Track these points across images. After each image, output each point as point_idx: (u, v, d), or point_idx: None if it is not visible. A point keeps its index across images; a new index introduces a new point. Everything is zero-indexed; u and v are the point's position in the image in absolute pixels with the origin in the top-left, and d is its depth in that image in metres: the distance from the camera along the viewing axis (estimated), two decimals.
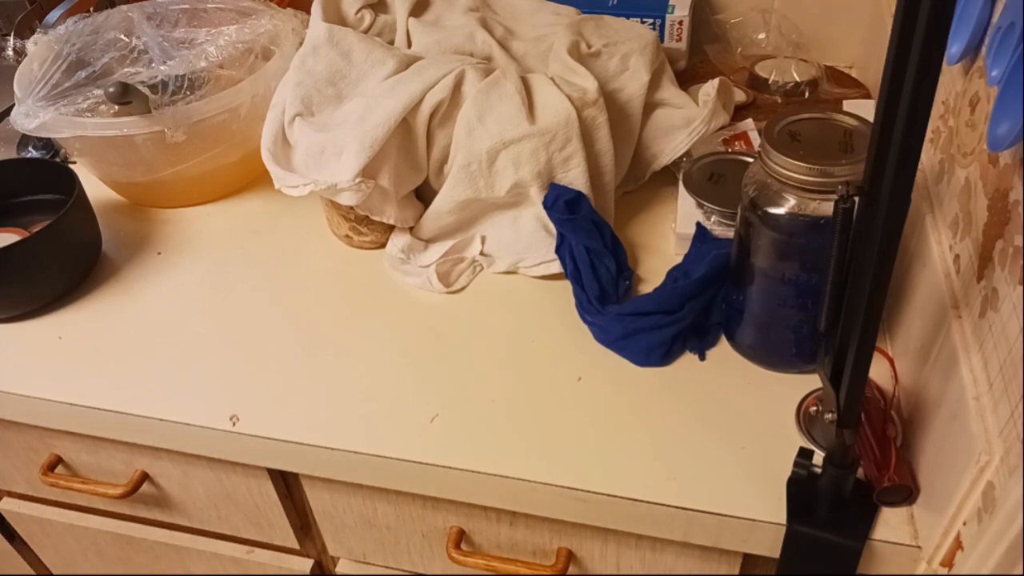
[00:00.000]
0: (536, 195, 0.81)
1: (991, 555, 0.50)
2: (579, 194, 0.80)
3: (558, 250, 0.80)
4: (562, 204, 0.79)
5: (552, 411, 0.71)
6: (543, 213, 0.81)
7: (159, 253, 0.92)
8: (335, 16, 0.93)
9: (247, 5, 1.02)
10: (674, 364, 0.74)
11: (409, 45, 0.93)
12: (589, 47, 0.87)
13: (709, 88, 0.88)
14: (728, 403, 0.71)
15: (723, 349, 0.75)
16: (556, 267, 0.82)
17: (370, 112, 0.79)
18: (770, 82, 1.03)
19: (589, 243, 0.78)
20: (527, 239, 0.83)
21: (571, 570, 0.77)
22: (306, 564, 0.93)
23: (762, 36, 1.09)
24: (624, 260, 0.82)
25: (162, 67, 0.91)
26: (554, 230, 0.80)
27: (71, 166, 0.95)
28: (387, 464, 0.69)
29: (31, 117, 0.87)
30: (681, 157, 0.89)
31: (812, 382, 0.70)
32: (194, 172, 0.94)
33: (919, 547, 0.60)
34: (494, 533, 0.77)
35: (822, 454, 0.61)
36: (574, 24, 0.91)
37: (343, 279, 0.87)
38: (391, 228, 0.88)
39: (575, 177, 0.80)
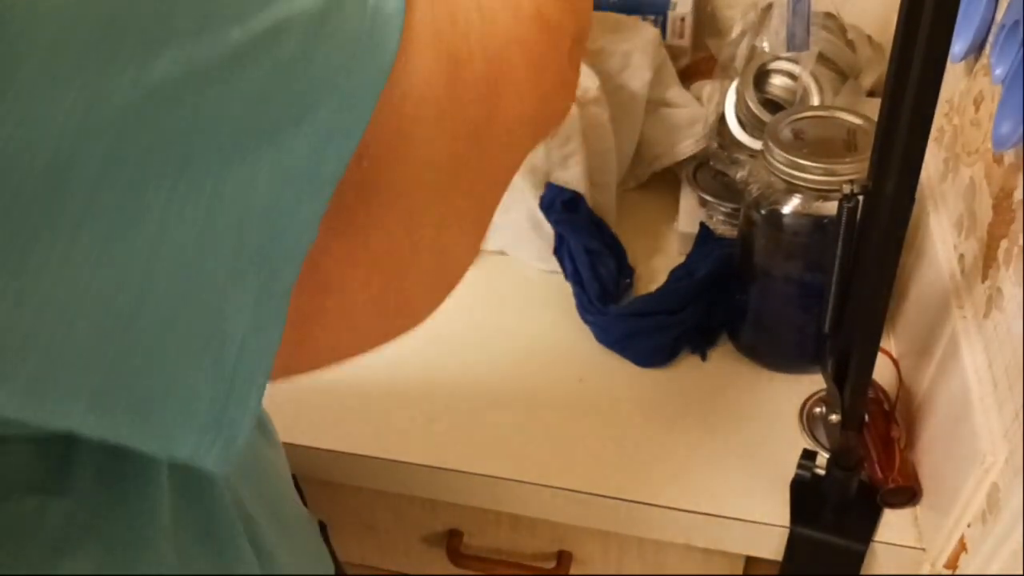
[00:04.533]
0: (529, 191, 0.80)
1: (995, 557, 0.50)
2: (576, 194, 0.79)
3: (557, 251, 0.80)
4: (559, 205, 0.78)
5: (553, 412, 0.71)
6: (535, 211, 0.80)
7: None
8: None
9: None
10: (676, 365, 0.74)
11: None
12: (591, 44, 0.87)
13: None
14: (730, 404, 0.70)
15: (726, 349, 0.75)
16: (543, 266, 0.81)
17: None
18: None
19: (588, 243, 0.78)
20: (515, 232, 0.83)
21: (572, 571, 0.76)
22: None
23: None
24: (624, 259, 0.81)
25: None
26: (546, 230, 0.80)
27: None
28: (387, 466, 0.69)
29: None
30: None
31: (815, 383, 0.70)
32: None
33: (923, 549, 0.59)
34: (494, 536, 0.77)
35: (825, 455, 0.61)
36: None
37: None
38: None
39: (573, 176, 0.79)
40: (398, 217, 0.28)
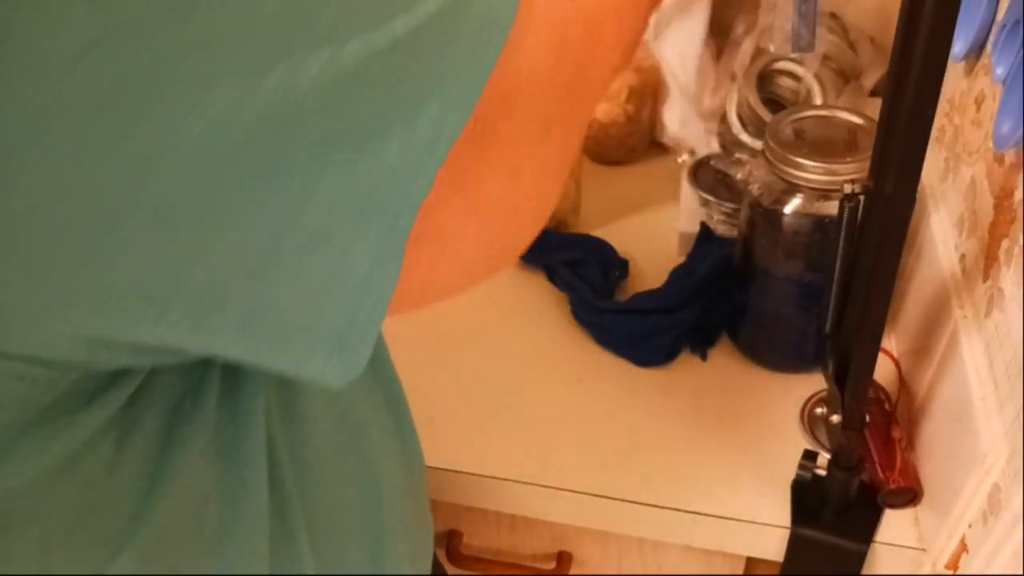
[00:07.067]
0: None
1: (996, 557, 0.50)
2: None
3: (549, 277, 0.81)
4: None
5: (552, 413, 0.71)
6: None
7: None
8: None
9: None
10: (676, 365, 0.74)
11: None
12: None
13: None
14: (730, 404, 0.70)
15: (725, 349, 0.75)
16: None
17: None
18: None
19: (566, 257, 0.79)
20: None
21: (572, 571, 0.76)
22: None
23: None
24: (611, 254, 0.81)
25: None
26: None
27: None
28: None
29: None
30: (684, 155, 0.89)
31: (816, 383, 0.70)
32: None
33: (924, 549, 0.59)
34: (494, 536, 0.77)
35: (826, 456, 0.61)
36: None
37: None
38: None
39: None
40: (506, 170, 0.32)
